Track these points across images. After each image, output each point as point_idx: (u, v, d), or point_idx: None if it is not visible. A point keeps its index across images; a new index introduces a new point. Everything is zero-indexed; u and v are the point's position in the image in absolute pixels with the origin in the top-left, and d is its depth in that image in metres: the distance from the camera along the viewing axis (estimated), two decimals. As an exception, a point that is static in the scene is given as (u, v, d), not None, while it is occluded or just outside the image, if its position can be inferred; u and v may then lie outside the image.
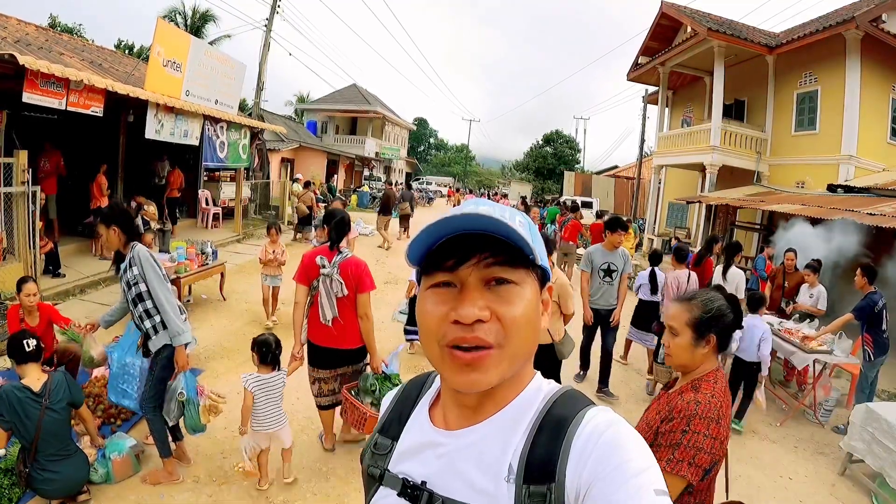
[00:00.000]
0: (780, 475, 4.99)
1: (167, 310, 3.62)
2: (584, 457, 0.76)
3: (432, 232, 0.80)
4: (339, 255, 4.12)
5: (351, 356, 4.29)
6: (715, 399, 1.97)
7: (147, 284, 3.61)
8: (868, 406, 4.91)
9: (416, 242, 0.82)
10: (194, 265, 7.75)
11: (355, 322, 4.16)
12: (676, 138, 18.40)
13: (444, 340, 0.80)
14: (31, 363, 3.49)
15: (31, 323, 4.73)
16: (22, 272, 7.15)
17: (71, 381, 3.61)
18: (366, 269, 4.20)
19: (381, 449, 0.96)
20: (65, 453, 3.39)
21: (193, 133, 11.52)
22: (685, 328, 2.13)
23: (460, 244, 0.81)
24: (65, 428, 3.45)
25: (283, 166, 24.34)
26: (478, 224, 0.79)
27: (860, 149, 13.04)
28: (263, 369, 3.87)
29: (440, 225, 0.79)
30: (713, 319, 2.12)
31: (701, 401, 1.96)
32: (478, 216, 0.78)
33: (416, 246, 0.83)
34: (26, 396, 3.28)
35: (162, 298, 3.62)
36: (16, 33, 10.25)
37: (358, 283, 4.10)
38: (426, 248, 0.84)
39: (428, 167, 69.25)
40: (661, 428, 1.97)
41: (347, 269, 4.09)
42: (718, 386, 2.05)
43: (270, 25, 19.05)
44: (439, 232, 0.81)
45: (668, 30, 18.99)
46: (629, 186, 32.80)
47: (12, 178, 7.09)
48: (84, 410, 3.70)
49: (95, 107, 8.36)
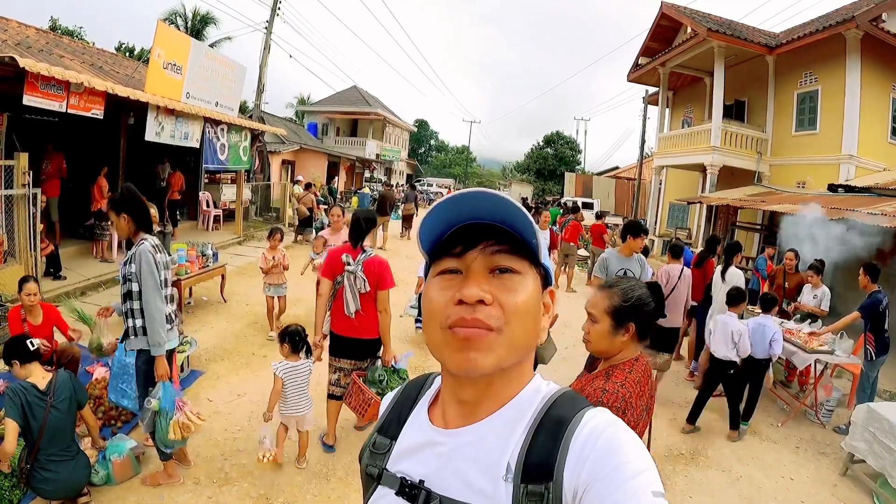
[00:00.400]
0: (782, 476, 4.98)
1: (153, 318, 3.52)
2: (582, 457, 0.76)
3: (441, 211, 0.84)
4: (363, 253, 4.33)
5: (371, 346, 4.50)
6: (624, 389, 2.01)
7: (140, 285, 3.53)
8: (869, 406, 4.91)
9: (426, 224, 0.86)
10: (195, 267, 7.73)
11: (375, 315, 4.37)
12: (677, 139, 18.40)
13: (447, 322, 0.81)
14: (35, 362, 3.52)
15: (34, 322, 4.74)
16: (22, 274, 7.16)
17: (76, 381, 3.62)
18: (387, 267, 4.40)
19: (379, 448, 0.97)
20: (67, 455, 3.38)
21: (194, 135, 11.53)
22: (604, 315, 2.18)
23: (468, 233, 0.84)
24: (68, 428, 3.44)
25: (284, 168, 24.36)
26: (484, 202, 0.82)
27: (861, 148, 13.04)
28: (293, 357, 4.15)
29: (450, 203, 0.83)
30: (633, 308, 2.17)
31: (608, 390, 2.00)
32: (485, 193, 0.81)
33: (426, 229, 0.87)
34: (33, 395, 3.29)
35: (151, 305, 3.52)
36: (16, 36, 10.27)
37: (379, 280, 4.31)
38: (436, 238, 0.87)
39: (429, 169, 69.26)
40: None
41: (371, 266, 4.29)
42: (632, 375, 2.09)
43: (271, 27, 19.06)
44: (449, 214, 0.84)
45: (669, 30, 19.01)
46: (630, 187, 32.80)
47: (13, 180, 7.10)
48: (87, 411, 3.71)
49: (96, 109, 8.37)
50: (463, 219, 0.85)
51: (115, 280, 8.46)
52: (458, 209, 0.84)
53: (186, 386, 5.37)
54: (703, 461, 5.09)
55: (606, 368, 2.17)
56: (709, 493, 4.61)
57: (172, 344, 3.83)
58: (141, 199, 3.69)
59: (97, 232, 9.89)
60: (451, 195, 0.83)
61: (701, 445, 5.39)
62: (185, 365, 5.55)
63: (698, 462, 5.07)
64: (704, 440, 5.50)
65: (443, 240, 0.87)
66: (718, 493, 4.60)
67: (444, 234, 0.87)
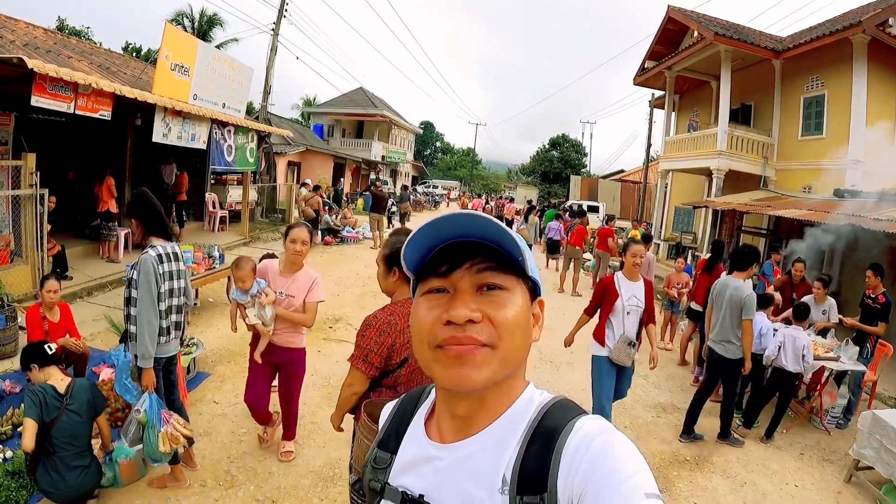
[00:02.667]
0: (787, 482, 4.97)
1: (143, 330, 3.42)
2: (574, 464, 0.78)
3: (426, 232, 0.85)
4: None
5: None
6: (391, 317, 2.59)
7: (137, 293, 3.45)
8: (875, 413, 4.89)
9: (411, 245, 0.87)
10: (201, 268, 7.74)
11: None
12: (683, 143, 18.35)
13: (436, 341, 0.83)
14: (54, 366, 3.54)
15: (53, 319, 4.84)
16: (29, 274, 7.22)
17: (95, 389, 3.62)
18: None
19: (380, 463, 0.99)
20: (82, 462, 3.35)
21: (201, 137, 11.56)
22: (381, 262, 2.78)
23: (454, 252, 0.85)
24: (84, 433, 3.42)
25: (290, 170, 24.42)
26: (469, 224, 0.83)
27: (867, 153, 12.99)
28: None
29: (434, 225, 0.84)
30: (395, 255, 2.66)
31: (379, 316, 2.61)
32: (470, 216, 0.82)
33: (411, 250, 0.87)
34: (51, 395, 3.30)
35: (142, 317, 3.42)
36: (24, 37, 10.31)
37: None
38: (421, 257, 0.88)
39: (434, 171, 69.31)
40: None
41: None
42: (402, 308, 2.64)
43: (278, 29, 19.11)
44: (434, 235, 0.85)
45: (675, 34, 18.96)
46: (635, 191, 32.76)
47: (20, 180, 7.14)
48: (102, 419, 3.69)
49: (104, 110, 8.40)
50: (448, 237, 0.86)
51: (122, 281, 8.47)
52: (442, 230, 0.85)
53: (192, 388, 5.38)
54: (708, 467, 5.08)
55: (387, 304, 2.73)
56: (713, 499, 4.60)
57: (171, 352, 3.81)
58: (152, 204, 3.64)
59: (103, 232, 9.92)
60: (434, 219, 0.84)
61: (706, 451, 5.38)
62: (191, 367, 5.56)
63: (703, 468, 5.06)
64: (709, 446, 5.49)
65: (428, 258, 0.88)
66: (723, 500, 4.59)
67: (429, 253, 0.88)
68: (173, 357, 3.91)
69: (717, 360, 5.46)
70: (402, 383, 2.60)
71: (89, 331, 6.46)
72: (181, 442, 3.64)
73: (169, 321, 3.68)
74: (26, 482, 3.53)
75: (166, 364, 3.81)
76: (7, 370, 5.36)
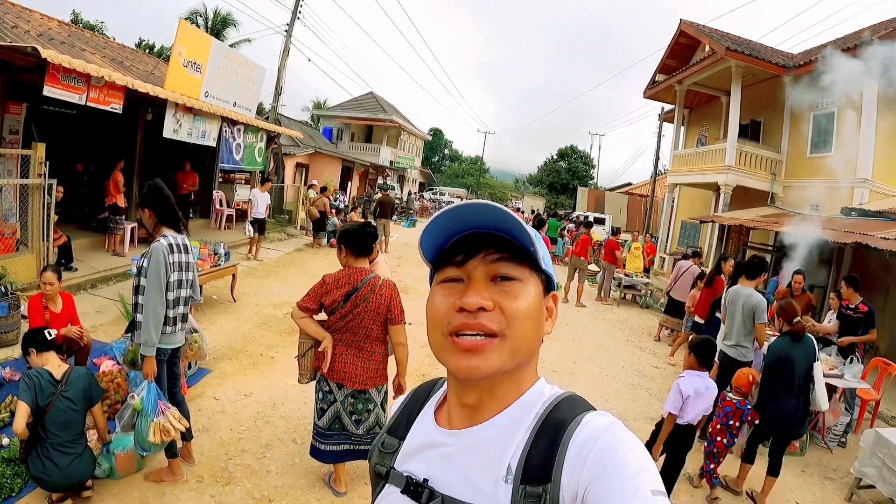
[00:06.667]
0: (787, 499, 4.94)
1: (148, 318, 3.41)
2: (580, 458, 0.78)
3: (440, 223, 0.88)
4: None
5: None
6: (329, 277, 3.61)
7: (145, 282, 3.46)
8: (878, 432, 4.85)
9: (427, 234, 0.90)
10: (206, 265, 7.75)
11: None
12: (691, 157, 18.34)
13: (449, 328, 0.85)
14: (52, 352, 3.56)
15: (55, 309, 4.84)
16: (34, 263, 7.22)
17: (92, 379, 3.62)
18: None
19: (388, 448, 1.00)
20: (74, 449, 3.34)
21: (211, 134, 11.61)
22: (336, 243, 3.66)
23: (469, 242, 0.88)
24: (78, 421, 3.42)
25: (298, 171, 24.46)
26: (483, 214, 0.85)
27: (875, 172, 12.95)
28: None
29: (450, 214, 0.86)
30: (341, 236, 3.72)
31: (325, 278, 3.62)
32: (483, 205, 0.84)
33: (427, 238, 0.90)
34: (46, 380, 3.31)
35: (149, 305, 3.42)
36: (39, 27, 10.38)
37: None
38: (438, 247, 0.91)
39: (442, 178, 69.34)
40: None
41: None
42: (337, 273, 3.62)
43: (291, 31, 19.16)
44: (449, 225, 0.88)
45: (686, 48, 18.99)
46: (642, 204, 32.73)
47: (29, 169, 7.16)
48: (98, 410, 3.68)
49: (115, 104, 8.44)
50: (464, 228, 0.88)
51: (127, 274, 8.50)
52: (457, 220, 0.87)
53: (193, 384, 5.35)
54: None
55: (339, 269, 3.64)
56: (713, 514, 4.56)
57: (177, 343, 3.80)
58: (165, 195, 3.65)
59: (111, 226, 9.94)
60: (449, 207, 0.86)
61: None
62: (192, 362, 5.54)
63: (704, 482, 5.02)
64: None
65: (445, 249, 0.90)
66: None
67: (446, 243, 0.90)
68: (179, 349, 3.90)
69: (727, 363, 5.59)
70: (336, 328, 3.62)
71: (91, 323, 6.46)
72: (173, 435, 3.60)
73: (176, 312, 3.66)
74: (21, 470, 3.51)
75: (171, 356, 3.80)
76: (7, 357, 5.36)
